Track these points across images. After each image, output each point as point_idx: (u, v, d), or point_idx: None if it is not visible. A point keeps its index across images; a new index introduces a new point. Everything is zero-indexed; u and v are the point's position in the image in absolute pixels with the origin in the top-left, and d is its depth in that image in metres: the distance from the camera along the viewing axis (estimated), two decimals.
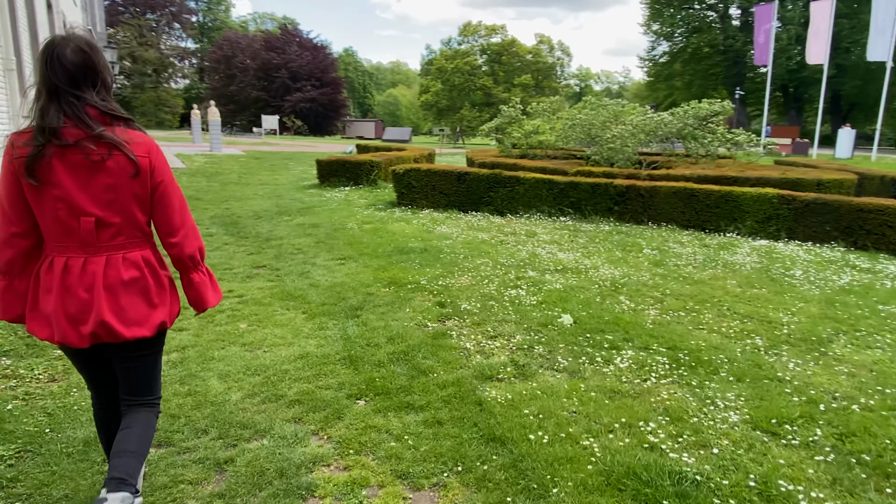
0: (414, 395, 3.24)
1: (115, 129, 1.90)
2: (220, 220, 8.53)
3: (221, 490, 2.39)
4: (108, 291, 1.92)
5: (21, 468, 2.48)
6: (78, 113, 1.84)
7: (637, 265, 6.30)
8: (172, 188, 2.05)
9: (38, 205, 1.87)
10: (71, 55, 1.84)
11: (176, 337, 4.06)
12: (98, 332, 1.91)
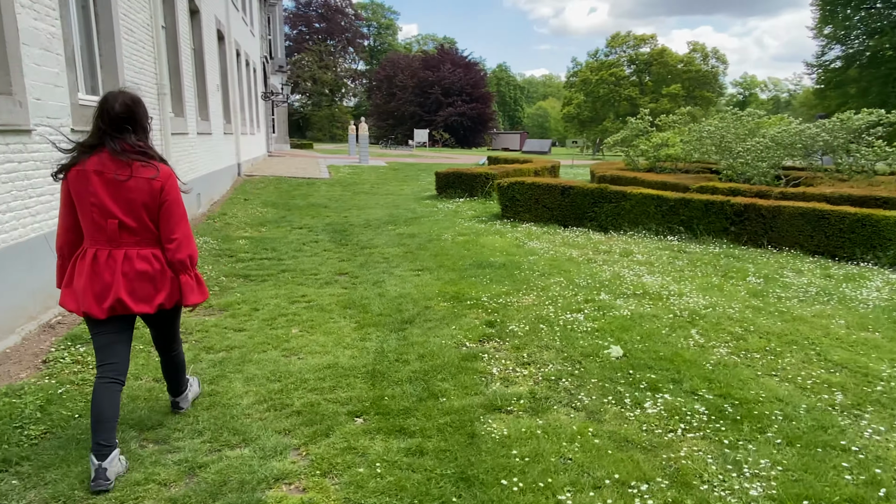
0: (412, 419, 3.18)
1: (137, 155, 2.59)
2: (332, 228, 9.06)
3: (180, 494, 2.51)
4: (125, 277, 2.60)
5: (37, 449, 2.82)
6: (114, 147, 2.55)
7: (731, 294, 5.65)
8: (175, 206, 2.68)
9: (81, 209, 2.58)
10: (118, 108, 2.58)
11: (232, 337, 4.38)
12: (115, 306, 2.60)
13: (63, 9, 5.09)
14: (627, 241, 8.33)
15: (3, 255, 4.08)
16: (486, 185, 12.45)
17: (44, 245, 4.59)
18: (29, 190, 4.44)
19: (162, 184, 2.63)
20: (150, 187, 2.60)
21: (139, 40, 7.25)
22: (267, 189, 13.61)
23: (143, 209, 2.60)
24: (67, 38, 5.16)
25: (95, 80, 6.33)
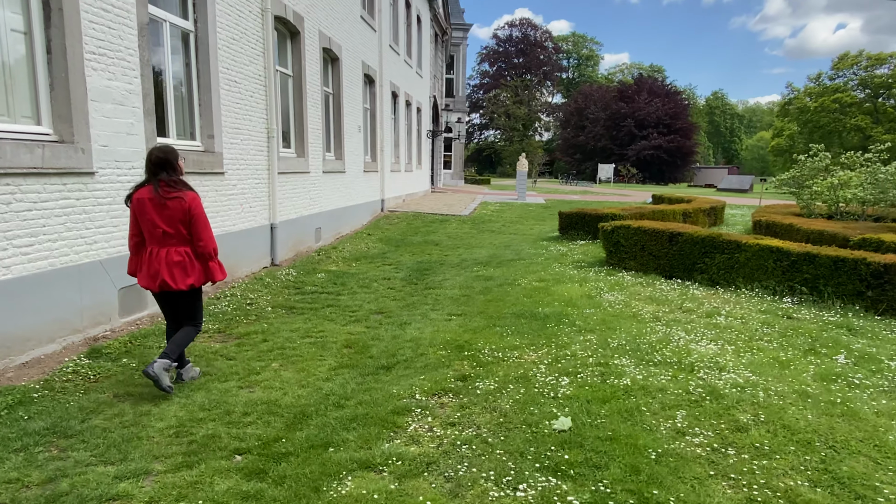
0: (282, 465, 3.12)
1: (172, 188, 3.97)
2: (419, 266, 9.23)
3: (27, 496, 2.77)
4: (167, 264, 4.00)
5: (120, 376, 3.36)
6: (154, 182, 3.97)
7: (791, 374, 4.58)
8: (199, 218, 4.05)
9: (142, 223, 4.02)
10: (155, 155, 4.02)
11: (216, 364, 4.70)
12: (161, 284, 4.01)
13: (144, 69, 5.98)
14: (729, 299, 7.20)
15: (52, 275, 4.87)
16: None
17: (98, 269, 5.37)
18: (87, 222, 5.25)
19: (189, 205, 4.00)
20: (181, 207, 3.97)
21: (246, 90, 8.20)
22: (397, 225, 14.30)
23: (179, 223, 3.99)
24: (147, 94, 6.04)
25: (193, 126, 7.30)
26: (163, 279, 4.00)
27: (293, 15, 9.82)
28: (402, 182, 19.62)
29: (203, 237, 4.07)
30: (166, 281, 4.00)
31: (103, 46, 5.40)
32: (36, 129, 4.88)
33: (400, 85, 18.65)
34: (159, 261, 4.00)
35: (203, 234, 4.07)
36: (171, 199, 3.95)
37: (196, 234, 4.04)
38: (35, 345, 4.68)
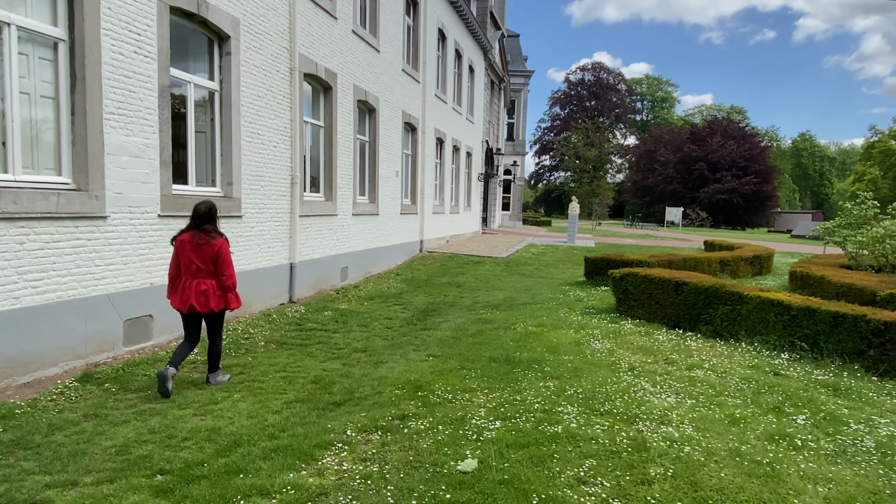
0: (193, 486, 3.46)
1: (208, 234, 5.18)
2: (427, 307, 9.53)
3: None
4: (195, 293, 5.15)
5: (98, 398, 3.89)
6: (196, 230, 5.18)
7: (737, 434, 4.50)
8: (225, 260, 5.22)
9: (181, 259, 5.17)
10: (202, 210, 5.25)
11: (184, 393, 5.14)
12: (189, 307, 5.17)
13: (163, 125, 6.73)
14: (722, 352, 7.04)
15: (59, 307, 5.53)
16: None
17: (105, 302, 6.02)
18: (97, 260, 5.93)
19: (218, 248, 5.22)
20: (213, 250, 5.19)
21: (269, 141, 8.92)
22: (430, 266, 14.69)
23: (209, 261, 5.19)
24: (164, 147, 6.77)
25: (214, 174, 8.03)
26: (191, 304, 5.18)
27: (325, 72, 10.60)
28: (447, 223, 20.09)
29: (226, 273, 5.27)
30: (193, 305, 5.18)
31: (123, 107, 6.17)
32: (56, 178, 5.63)
33: (446, 131, 19.31)
34: (190, 289, 5.16)
35: (226, 271, 5.27)
36: (206, 244, 5.16)
37: (221, 271, 5.24)
38: (37, 367, 5.31)
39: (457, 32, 20.22)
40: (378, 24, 13.19)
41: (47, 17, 5.54)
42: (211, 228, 5.27)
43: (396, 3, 14.34)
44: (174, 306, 5.31)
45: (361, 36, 12.22)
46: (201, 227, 5.23)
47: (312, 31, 10.16)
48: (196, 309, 5.19)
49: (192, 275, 5.19)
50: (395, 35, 14.30)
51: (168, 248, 6.79)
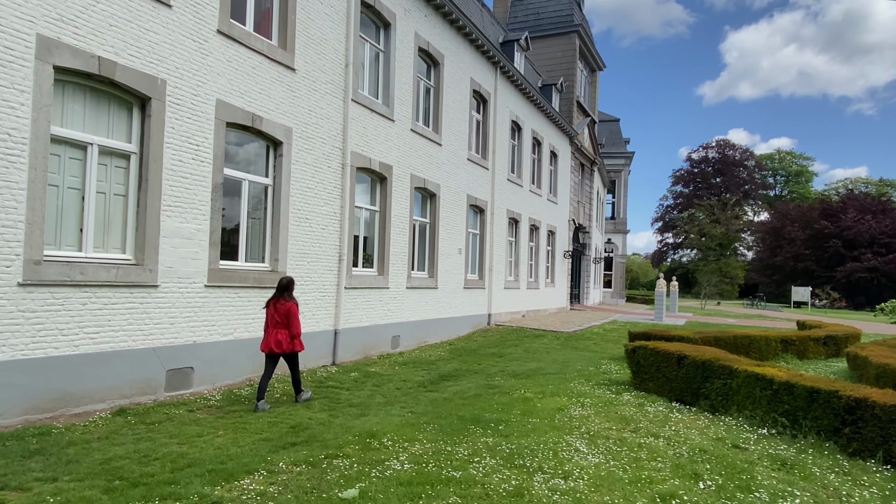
0: (124, 489, 4.57)
1: (286, 299, 7.61)
2: (451, 373, 10.25)
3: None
4: (274, 339, 7.55)
5: (116, 428, 5.32)
6: (277, 296, 7.66)
7: (625, 493, 4.81)
8: (294, 317, 7.61)
9: (268, 316, 7.68)
10: (282, 282, 7.72)
11: (171, 429, 6.36)
12: (270, 350, 7.57)
13: (214, 214, 8.42)
14: (701, 425, 7.08)
15: (111, 355, 7.10)
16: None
17: (151, 354, 7.55)
18: (146, 320, 7.52)
19: (289, 308, 7.53)
20: (286, 310, 7.52)
21: (317, 224, 10.46)
22: (488, 338, 15.35)
23: (284, 317, 7.49)
24: (214, 230, 8.43)
25: (264, 252, 9.62)
26: (270, 347, 7.50)
27: (379, 165, 12.19)
28: (523, 298, 20.68)
29: (293, 325, 7.58)
30: (272, 347, 7.50)
31: (178, 201, 7.92)
32: (120, 255, 7.37)
33: (522, 211, 20.29)
34: (271, 337, 7.54)
35: (294, 324, 7.58)
36: (283, 305, 7.56)
37: (290, 324, 7.56)
38: (88, 402, 6.84)
39: (535, 123, 21.53)
40: (440, 123, 14.79)
41: (124, 136, 7.46)
42: (287, 295, 7.64)
43: (462, 102, 15.97)
44: (262, 349, 7.65)
45: (421, 133, 13.81)
46: (281, 294, 7.61)
47: (367, 132, 11.84)
48: (274, 350, 7.50)
49: (273, 326, 7.56)
50: (459, 129, 15.83)
51: (212, 311, 8.34)
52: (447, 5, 14.42)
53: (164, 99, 7.73)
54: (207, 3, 8.35)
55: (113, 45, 7.09)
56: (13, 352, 6.12)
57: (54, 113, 6.64)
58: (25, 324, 6.23)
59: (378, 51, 12.63)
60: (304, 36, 10.15)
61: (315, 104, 10.41)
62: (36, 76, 6.31)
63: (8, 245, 6.08)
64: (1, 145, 6.02)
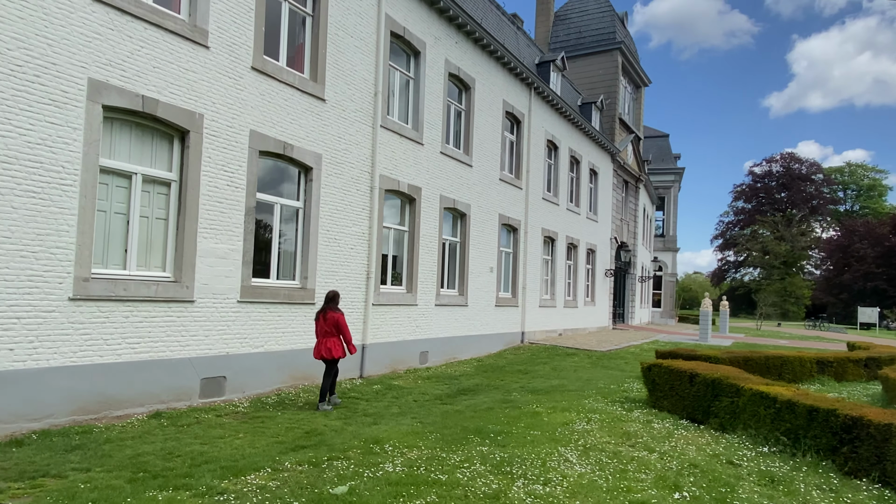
0: (141, 478, 5.17)
1: (332, 310, 8.61)
2: (471, 388, 10.58)
3: None
4: (325, 347, 8.57)
5: (149, 429, 6.06)
6: (325, 308, 8.66)
7: (598, 498, 5.07)
8: (343, 325, 8.65)
9: (317, 326, 8.68)
10: (329, 294, 8.80)
11: (208, 431, 6.98)
12: (322, 356, 8.57)
13: (247, 235, 9.14)
14: (702, 442, 7.19)
15: (150, 364, 7.85)
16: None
17: (187, 364, 8.27)
18: (183, 332, 8.25)
19: (337, 319, 8.55)
20: (334, 319, 8.53)
21: (345, 244, 11.08)
22: (519, 355, 15.58)
23: (333, 326, 8.51)
24: (247, 251, 9.15)
25: (294, 270, 10.29)
26: (322, 354, 8.56)
27: (408, 187, 12.78)
28: (560, 316, 20.76)
29: (344, 333, 8.64)
30: (323, 354, 8.56)
31: (214, 224, 8.67)
32: (160, 273, 8.15)
33: (558, 230, 20.47)
34: (323, 345, 8.57)
35: (345, 332, 8.64)
36: (332, 317, 8.53)
37: (341, 332, 8.63)
38: (128, 406, 7.58)
39: (572, 141, 21.75)
40: (471, 144, 15.29)
41: (165, 165, 8.28)
42: (334, 306, 8.64)
43: (494, 123, 16.44)
44: (315, 356, 8.69)
45: (451, 155, 14.35)
46: (329, 305, 8.64)
47: (396, 156, 12.46)
48: (325, 357, 8.55)
49: (323, 335, 8.58)
50: (491, 150, 16.29)
51: (244, 325, 9.02)
52: (478, 31, 14.99)
53: (202, 131, 8.53)
54: (242, 43, 9.16)
55: (155, 84, 7.94)
56: (63, 359, 6.92)
57: (103, 146, 7.50)
58: (74, 334, 7.03)
59: (408, 78, 13.28)
60: (334, 68, 10.88)
61: (344, 131, 11.10)
62: (87, 115, 7.17)
63: (60, 264, 6.91)
64: (55, 176, 6.87)
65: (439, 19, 13.92)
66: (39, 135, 6.74)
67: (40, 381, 6.68)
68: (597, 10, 27.60)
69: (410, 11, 12.93)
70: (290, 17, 10.35)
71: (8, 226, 6.46)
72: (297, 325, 10.02)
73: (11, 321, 6.46)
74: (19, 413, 6.49)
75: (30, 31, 6.67)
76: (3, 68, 6.44)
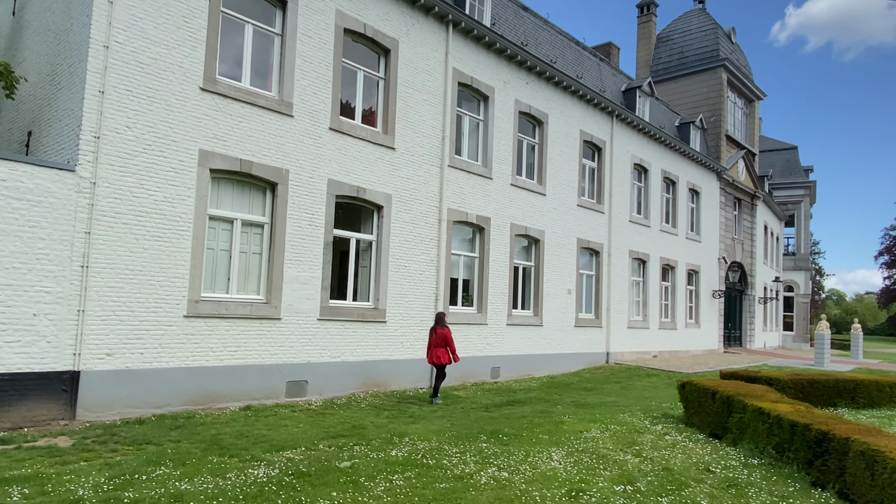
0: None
1: (441, 327, 11.32)
2: (523, 400, 11.65)
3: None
4: (436, 355, 11.22)
5: (243, 419, 8.26)
6: (436, 325, 11.42)
7: (557, 485, 6.10)
8: (450, 338, 11.27)
9: (430, 338, 11.42)
10: (438, 315, 11.61)
11: (241, 426, 8.86)
12: (433, 362, 11.30)
13: (325, 265, 11.12)
14: (701, 452, 7.78)
15: (245, 368, 9.98)
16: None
17: (274, 369, 10.33)
18: (271, 343, 10.32)
19: (445, 333, 11.22)
20: (443, 334, 11.21)
21: (414, 270, 12.74)
22: (595, 374, 16.18)
23: (442, 339, 11.17)
24: (325, 277, 11.11)
25: (368, 293, 12.12)
26: (433, 360, 11.12)
27: (477, 218, 14.22)
28: (654, 338, 20.79)
29: (450, 345, 11.10)
30: (434, 361, 11.13)
31: (297, 256, 10.73)
32: (255, 296, 10.32)
33: (649, 252, 20.65)
34: (434, 354, 11.09)
35: (450, 344, 11.10)
36: (441, 332, 11.09)
37: (448, 344, 11.07)
38: (227, 401, 9.72)
39: (666, 163, 21.84)
40: (544, 175, 16.39)
41: (259, 211, 10.49)
42: (442, 324, 11.26)
43: (570, 153, 17.38)
44: (428, 362, 11.33)
45: (522, 186, 15.57)
46: (438, 323, 11.25)
47: (464, 190, 13.98)
48: (436, 363, 11.13)
49: (434, 346, 11.15)
50: (567, 178, 17.23)
51: (323, 339, 10.92)
52: (548, 70, 16.14)
53: (288, 183, 10.65)
54: (321, 109, 11.24)
55: (250, 149, 10.18)
56: (178, 362, 9.19)
57: (210, 199, 9.82)
58: (187, 343, 9.30)
59: (477, 121, 14.79)
60: (403, 120, 12.69)
61: (413, 173, 12.84)
62: (198, 177, 9.51)
63: (178, 290, 9.22)
64: (175, 224, 9.23)
65: (508, 64, 15.31)
66: (163, 194, 9.14)
67: (162, 378, 8.98)
68: (699, 29, 27.23)
69: (478, 62, 14.48)
70: (365, 82, 12.35)
71: (141, 262, 8.86)
72: (370, 340, 11.80)
73: (142, 332, 8.82)
74: (145, 401, 8.81)
75: (156, 119, 9.13)
76: (138, 147, 8.91)
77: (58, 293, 8.00)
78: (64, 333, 8.04)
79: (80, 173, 8.29)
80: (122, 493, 5.35)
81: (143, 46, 8.96)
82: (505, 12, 16.40)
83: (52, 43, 9.81)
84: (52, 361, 7.94)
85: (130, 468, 6.13)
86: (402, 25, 12.77)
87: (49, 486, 5.47)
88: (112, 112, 8.64)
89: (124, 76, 8.78)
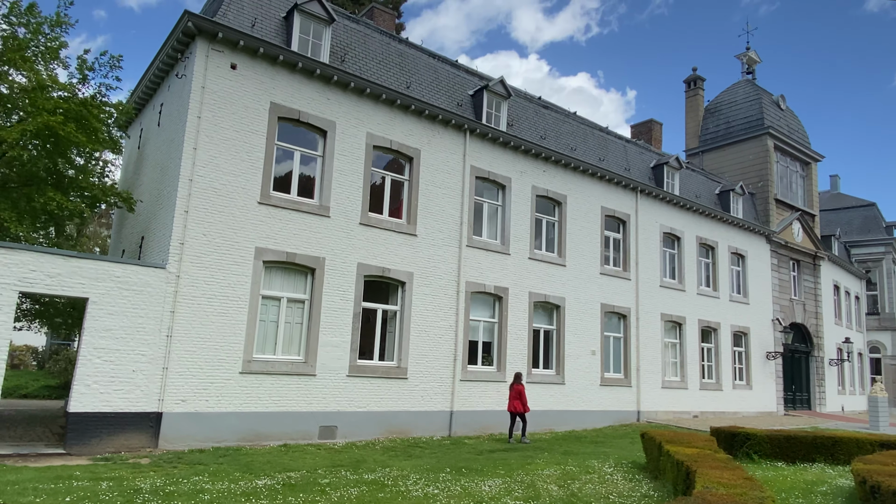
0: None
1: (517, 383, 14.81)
2: (522, 448, 13.55)
3: None
4: (512, 405, 14.59)
5: (289, 452, 11.21)
6: (513, 382, 14.90)
7: (465, 492, 8.21)
8: (521, 392, 14.54)
9: (510, 391, 14.82)
10: (515, 374, 15.12)
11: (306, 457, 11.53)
12: (510, 411, 14.56)
13: (354, 332, 13.91)
14: (616, 484, 9.47)
15: (283, 414, 12.82)
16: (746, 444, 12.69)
17: (308, 416, 13.11)
18: (307, 394, 13.13)
19: (519, 389, 14.52)
20: (518, 389, 14.53)
21: (434, 335, 15.21)
22: (616, 430, 17.47)
23: (517, 392, 14.48)
24: (354, 341, 13.88)
25: (393, 353, 14.74)
26: (510, 409, 14.43)
27: (494, 288, 16.56)
28: (693, 398, 21.48)
29: (522, 398, 14.37)
30: (510, 410, 14.43)
31: (330, 324, 13.63)
32: (295, 357, 13.26)
33: (685, 314, 21.70)
34: (511, 403, 14.41)
35: (522, 397, 14.38)
36: (516, 387, 14.41)
37: (520, 397, 14.29)
38: (269, 439, 12.53)
39: (702, 230, 23.02)
40: (564, 248, 18.48)
41: (301, 291, 13.57)
42: (517, 382, 14.48)
43: (591, 228, 19.35)
44: (507, 410, 14.46)
45: (540, 259, 17.76)
46: (516, 380, 14.38)
47: (482, 266, 16.44)
48: (511, 411, 14.27)
49: (512, 399, 14.34)
50: (589, 250, 19.16)
51: (351, 392, 13.58)
52: (564, 158, 18.49)
53: (324, 268, 13.70)
54: (353, 209, 14.34)
55: (294, 244, 13.37)
56: (234, 407, 12.19)
57: (263, 283, 13.02)
58: (241, 393, 12.31)
59: (496, 206, 17.35)
60: (424, 211, 15.53)
61: (433, 254, 15.53)
62: (253, 268, 12.76)
63: (235, 352, 12.33)
64: (235, 303, 12.44)
65: (525, 157, 17.88)
66: (227, 281, 12.43)
67: (221, 419, 12.00)
68: (745, 99, 28.34)
69: (494, 158, 17.18)
70: (392, 185, 15.39)
71: (209, 332, 12.08)
72: (392, 393, 14.32)
73: (208, 384, 11.95)
74: (207, 436, 11.81)
75: (224, 227, 12.54)
76: (210, 248, 12.31)
77: (150, 355, 11.32)
78: (153, 385, 11.30)
79: (168, 269, 11.75)
80: (165, 487, 8.19)
81: (217, 177, 12.52)
82: (525, 112, 19.09)
83: (159, 174, 13.71)
84: (143, 405, 11.19)
85: (179, 476, 8.99)
86: (424, 137, 15.81)
87: (125, 483, 8.42)
88: (193, 225, 12.14)
89: (203, 199, 12.31)
